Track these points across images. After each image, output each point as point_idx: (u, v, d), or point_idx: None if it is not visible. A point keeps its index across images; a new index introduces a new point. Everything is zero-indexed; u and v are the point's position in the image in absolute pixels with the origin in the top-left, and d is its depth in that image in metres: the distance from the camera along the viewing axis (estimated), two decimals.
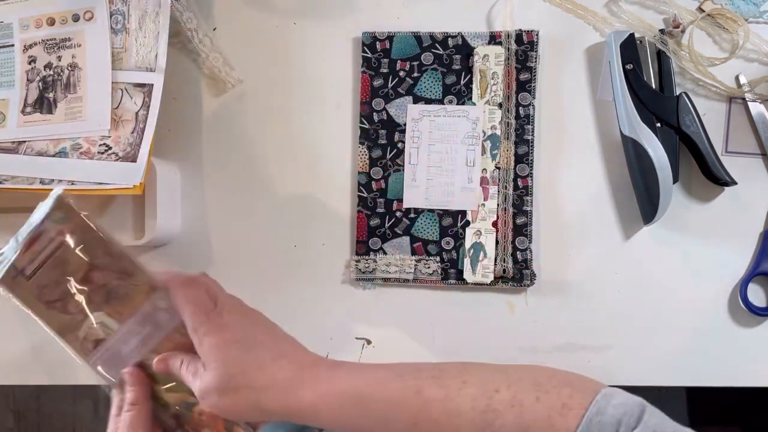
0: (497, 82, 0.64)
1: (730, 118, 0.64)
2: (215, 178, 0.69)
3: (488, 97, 0.64)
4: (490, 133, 0.65)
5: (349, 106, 0.68)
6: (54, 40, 0.67)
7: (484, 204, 0.65)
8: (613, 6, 0.65)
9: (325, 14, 0.68)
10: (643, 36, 0.63)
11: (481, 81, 0.64)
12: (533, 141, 0.65)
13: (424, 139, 0.66)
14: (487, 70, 0.64)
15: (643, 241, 0.65)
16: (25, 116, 0.67)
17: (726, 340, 0.64)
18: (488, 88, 0.64)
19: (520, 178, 0.65)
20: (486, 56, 0.63)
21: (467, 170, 0.65)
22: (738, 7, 0.63)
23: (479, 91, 0.65)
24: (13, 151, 0.67)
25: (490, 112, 0.65)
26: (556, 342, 0.65)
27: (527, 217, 0.65)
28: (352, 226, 0.67)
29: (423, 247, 0.66)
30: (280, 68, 0.68)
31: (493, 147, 0.64)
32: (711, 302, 0.64)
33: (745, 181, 0.63)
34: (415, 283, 0.66)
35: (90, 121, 0.66)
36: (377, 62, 0.67)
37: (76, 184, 0.63)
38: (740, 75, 0.64)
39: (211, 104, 0.69)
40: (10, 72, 0.68)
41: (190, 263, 0.69)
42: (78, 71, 0.66)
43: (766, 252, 0.63)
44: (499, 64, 0.64)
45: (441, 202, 0.65)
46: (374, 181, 0.67)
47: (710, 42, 0.64)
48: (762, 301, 0.64)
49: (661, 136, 0.61)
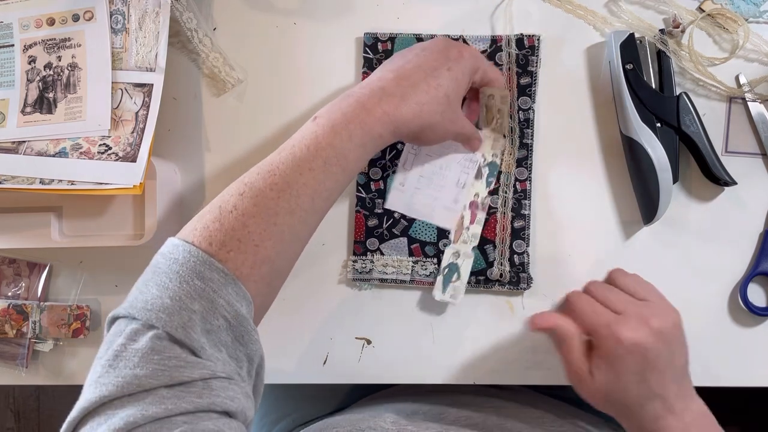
0: (503, 116, 0.64)
1: (730, 118, 0.64)
2: (215, 178, 0.69)
3: (494, 125, 0.65)
4: (490, 161, 0.65)
5: None
6: (54, 40, 0.67)
7: (468, 228, 0.64)
8: (613, 6, 0.65)
9: (325, 14, 0.68)
10: (643, 36, 0.63)
11: (487, 114, 0.65)
12: (532, 145, 0.65)
13: (424, 149, 0.66)
14: (493, 107, 0.64)
15: (643, 241, 0.65)
16: (25, 116, 0.67)
17: (726, 340, 0.64)
18: (494, 120, 0.65)
19: (519, 181, 0.65)
20: (492, 96, 0.63)
21: (456, 191, 0.65)
22: (738, 7, 0.63)
23: (484, 122, 0.65)
24: (13, 151, 0.67)
25: (493, 139, 0.65)
26: None
27: (525, 221, 0.65)
28: (350, 226, 0.67)
29: (420, 249, 0.66)
30: (280, 68, 0.68)
31: (490, 174, 0.65)
32: (711, 302, 0.64)
33: (745, 181, 0.63)
34: (412, 285, 0.66)
35: (90, 121, 0.66)
36: (379, 63, 0.67)
37: (76, 184, 0.63)
38: (740, 75, 0.64)
39: (211, 104, 0.69)
40: (10, 72, 0.68)
41: None
42: (78, 71, 0.66)
43: (766, 252, 0.63)
44: (504, 104, 0.64)
45: (421, 213, 0.65)
46: (373, 182, 0.67)
47: (710, 42, 0.64)
48: (762, 301, 0.64)
49: (661, 136, 0.61)
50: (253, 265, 0.48)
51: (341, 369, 0.67)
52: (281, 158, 0.52)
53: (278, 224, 0.50)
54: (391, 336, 0.67)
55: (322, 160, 0.52)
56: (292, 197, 0.50)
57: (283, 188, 0.50)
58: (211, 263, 0.46)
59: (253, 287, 0.49)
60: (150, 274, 0.47)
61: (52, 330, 0.68)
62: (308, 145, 0.52)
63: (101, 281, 0.70)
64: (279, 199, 0.50)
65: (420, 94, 0.55)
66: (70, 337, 0.68)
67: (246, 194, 0.50)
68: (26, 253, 0.71)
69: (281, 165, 0.51)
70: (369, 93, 0.54)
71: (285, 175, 0.51)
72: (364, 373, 0.67)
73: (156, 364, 0.43)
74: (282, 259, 0.51)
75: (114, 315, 0.47)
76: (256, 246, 0.49)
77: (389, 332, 0.67)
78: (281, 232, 0.50)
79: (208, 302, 0.45)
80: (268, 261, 0.49)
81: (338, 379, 0.67)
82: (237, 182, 0.51)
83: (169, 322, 0.44)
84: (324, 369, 0.67)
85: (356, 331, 0.67)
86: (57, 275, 0.71)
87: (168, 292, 0.45)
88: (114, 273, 0.70)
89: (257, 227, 0.49)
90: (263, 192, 0.50)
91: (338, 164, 0.52)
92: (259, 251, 0.49)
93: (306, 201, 0.51)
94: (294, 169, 0.51)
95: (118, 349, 0.44)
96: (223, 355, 0.46)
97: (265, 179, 0.50)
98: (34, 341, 0.69)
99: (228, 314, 0.46)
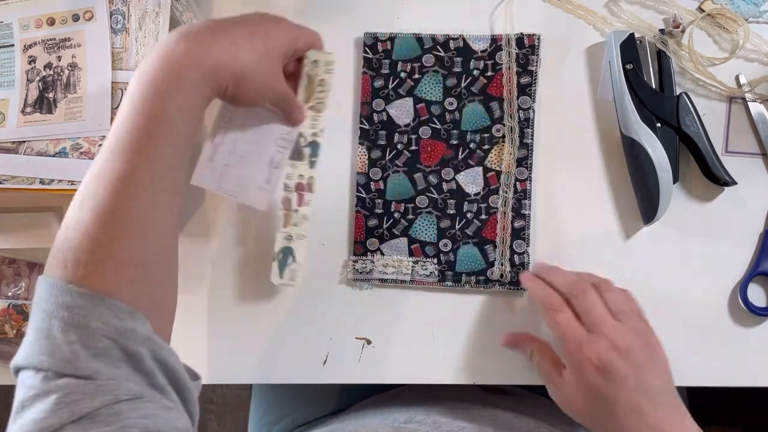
0: (324, 89, 0.61)
1: (730, 118, 0.64)
2: None
3: (313, 103, 0.62)
4: (311, 140, 0.62)
5: (350, 107, 0.68)
6: (54, 40, 0.67)
7: (297, 210, 0.62)
8: (613, 6, 0.65)
9: (325, 14, 0.68)
10: (643, 36, 0.63)
11: (308, 86, 0.61)
12: (532, 145, 0.65)
13: (237, 120, 0.61)
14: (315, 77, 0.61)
15: (643, 241, 0.65)
16: (25, 116, 0.67)
17: (726, 340, 0.64)
18: (314, 94, 0.61)
19: (519, 181, 0.65)
20: (316, 62, 0.60)
21: (268, 170, 0.61)
22: (738, 7, 0.63)
23: (305, 95, 0.61)
24: (13, 151, 0.67)
25: (312, 118, 0.62)
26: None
27: (525, 221, 0.65)
28: (350, 226, 0.67)
29: (420, 249, 0.66)
30: None
31: (313, 155, 0.62)
32: (711, 302, 0.64)
33: (745, 181, 0.63)
34: (412, 285, 0.66)
35: (90, 121, 0.66)
36: (378, 63, 0.67)
37: (76, 184, 0.63)
38: (740, 75, 0.64)
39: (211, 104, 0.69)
40: (10, 72, 0.68)
41: (190, 263, 0.69)
42: (78, 71, 0.67)
43: (766, 252, 0.63)
44: (329, 72, 0.61)
45: (233, 191, 0.61)
46: (373, 182, 0.67)
47: (710, 42, 0.64)
48: (762, 301, 0.64)
49: (661, 136, 0.61)
50: (116, 271, 0.45)
51: (341, 369, 0.67)
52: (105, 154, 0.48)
53: (122, 219, 0.46)
54: (391, 336, 0.67)
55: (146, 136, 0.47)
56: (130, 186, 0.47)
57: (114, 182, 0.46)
58: (70, 290, 0.44)
59: (128, 293, 0.45)
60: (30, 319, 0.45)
61: None
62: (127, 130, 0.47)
63: None
64: (116, 195, 0.46)
65: (235, 33, 0.51)
66: None
67: (84, 202, 0.47)
68: (26, 253, 0.70)
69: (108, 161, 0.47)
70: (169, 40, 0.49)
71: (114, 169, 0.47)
72: (364, 373, 0.67)
73: (54, 404, 0.41)
74: (145, 251, 0.47)
75: (12, 366, 0.45)
76: (110, 251, 0.45)
77: (389, 332, 0.67)
78: (129, 226, 0.46)
79: (81, 329, 0.43)
80: (130, 261, 0.46)
81: (338, 379, 0.67)
82: (75, 195, 0.48)
83: (53, 361, 0.42)
84: (324, 369, 0.67)
85: (356, 331, 0.67)
86: None
87: (43, 333, 0.44)
88: None
89: (103, 232, 0.45)
90: (99, 195, 0.46)
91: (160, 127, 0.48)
92: (115, 254, 0.46)
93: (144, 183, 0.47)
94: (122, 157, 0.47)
95: (21, 400, 0.43)
96: (124, 371, 0.44)
97: (98, 181, 0.47)
98: None
99: (109, 333, 0.44)
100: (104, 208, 0.46)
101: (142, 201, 0.47)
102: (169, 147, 0.48)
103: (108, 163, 0.47)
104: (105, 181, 0.47)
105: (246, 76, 0.52)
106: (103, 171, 0.47)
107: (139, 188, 0.47)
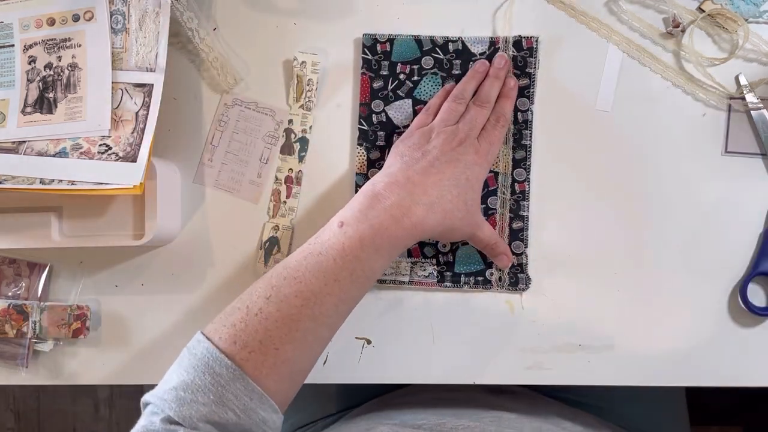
0: (312, 88, 0.66)
1: (730, 118, 0.64)
2: None
3: (303, 101, 0.66)
4: (300, 136, 0.67)
5: (349, 107, 0.68)
6: (54, 40, 0.67)
7: (285, 202, 0.67)
8: (613, 6, 0.65)
9: (324, 14, 0.68)
10: None
11: (297, 85, 0.66)
12: (531, 146, 0.65)
13: (230, 126, 0.68)
14: (303, 77, 0.66)
15: (643, 241, 0.65)
16: (25, 116, 0.67)
17: (726, 340, 0.64)
18: (304, 93, 0.66)
19: (517, 183, 0.65)
20: (304, 63, 0.65)
21: (259, 165, 0.67)
22: (738, 7, 0.63)
23: (295, 95, 0.67)
24: (13, 151, 0.67)
25: (303, 116, 0.66)
26: (556, 342, 0.65)
27: (523, 222, 0.65)
28: None
29: (419, 250, 0.66)
30: (280, 68, 0.68)
31: (302, 150, 0.67)
32: (711, 302, 0.64)
33: (745, 181, 0.63)
34: (410, 285, 0.66)
35: (90, 121, 0.66)
36: (377, 64, 0.67)
37: (76, 184, 0.63)
38: (740, 75, 0.64)
39: (211, 104, 0.69)
40: (10, 72, 0.68)
41: (190, 263, 0.69)
42: (78, 71, 0.67)
43: (766, 252, 0.63)
44: (315, 72, 0.66)
45: (229, 187, 0.68)
46: None
47: (710, 42, 0.64)
48: (762, 301, 0.64)
49: None
50: (273, 365, 0.52)
51: (341, 369, 0.67)
52: (307, 264, 0.54)
53: (300, 330, 0.53)
54: (391, 336, 0.67)
55: (348, 272, 0.54)
56: (316, 305, 0.53)
57: (308, 297, 0.53)
58: (221, 360, 0.50)
59: (273, 385, 0.52)
60: (176, 365, 0.52)
61: (52, 330, 0.68)
62: (335, 257, 0.53)
63: (101, 281, 0.70)
64: (303, 307, 0.53)
65: (445, 203, 0.57)
66: (71, 337, 0.68)
67: (272, 298, 0.53)
68: (26, 253, 0.71)
69: (307, 273, 0.53)
70: (397, 202, 0.55)
71: (310, 284, 0.53)
72: (364, 373, 0.67)
73: None
74: (303, 359, 0.54)
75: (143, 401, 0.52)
76: (276, 349, 0.52)
77: (389, 332, 0.67)
78: (303, 337, 0.53)
79: (216, 396, 0.49)
80: (288, 362, 0.52)
81: (338, 379, 0.67)
82: (265, 282, 0.54)
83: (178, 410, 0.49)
84: (324, 369, 0.67)
85: (356, 331, 0.67)
86: (57, 275, 0.71)
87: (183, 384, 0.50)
88: (114, 273, 0.70)
89: (279, 332, 0.52)
90: (288, 299, 0.53)
91: (364, 275, 0.54)
92: (279, 354, 0.52)
93: (330, 308, 0.54)
94: (319, 279, 0.53)
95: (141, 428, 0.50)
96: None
97: (290, 285, 0.53)
98: (34, 341, 0.69)
99: (236, 408, 0.49)
100: (290, 314, 0.52)
101: (322, 321, 0.54)
102: (360, 286, 0.55)
103: (308, 274, 0.53)
104: (299, 291, 0.53)
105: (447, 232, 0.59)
106: (300, 280, 0.53)
107: (323, 310, 0.53)
